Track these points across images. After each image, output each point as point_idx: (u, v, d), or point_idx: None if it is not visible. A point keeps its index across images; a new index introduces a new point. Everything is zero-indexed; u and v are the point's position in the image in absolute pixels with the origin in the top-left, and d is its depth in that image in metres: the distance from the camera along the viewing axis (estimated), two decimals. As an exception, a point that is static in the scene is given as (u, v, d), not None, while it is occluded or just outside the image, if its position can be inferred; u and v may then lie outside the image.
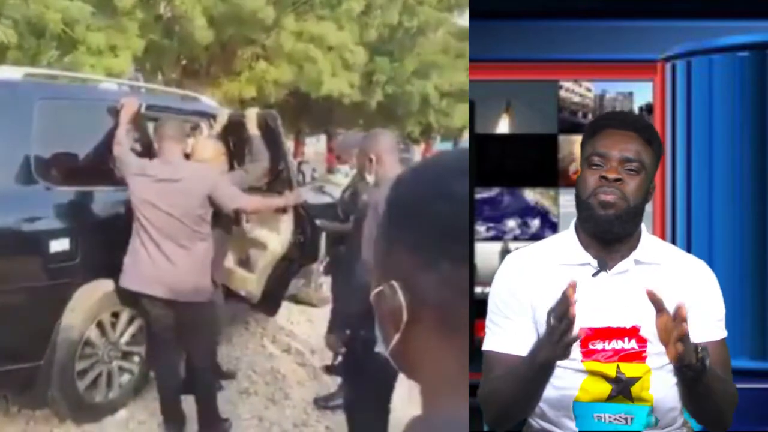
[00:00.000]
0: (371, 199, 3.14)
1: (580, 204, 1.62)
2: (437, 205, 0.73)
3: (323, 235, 5.44)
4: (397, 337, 0.75)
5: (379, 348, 0.80)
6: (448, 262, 0.71)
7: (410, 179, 0.79)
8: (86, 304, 3.98)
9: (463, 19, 19.42)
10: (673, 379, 1.68)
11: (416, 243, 0.74)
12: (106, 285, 4.12)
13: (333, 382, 4.73)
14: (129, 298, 4.25)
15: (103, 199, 4.23)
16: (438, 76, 17.46)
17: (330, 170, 14.44)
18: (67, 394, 3.91)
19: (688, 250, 2.17)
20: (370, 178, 3.42)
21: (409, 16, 16.27)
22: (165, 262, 3.74)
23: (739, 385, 1.84)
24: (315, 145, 26.57)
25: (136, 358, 4.37)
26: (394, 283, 0.75)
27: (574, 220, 1.68)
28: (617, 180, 1.57)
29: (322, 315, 5.84)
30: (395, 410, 3.13)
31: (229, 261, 4.84)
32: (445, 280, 0.71)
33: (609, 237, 1.61)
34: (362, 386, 3.15)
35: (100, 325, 4.10)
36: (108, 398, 4.18)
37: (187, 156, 4.15)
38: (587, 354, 1.63)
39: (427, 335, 0.74)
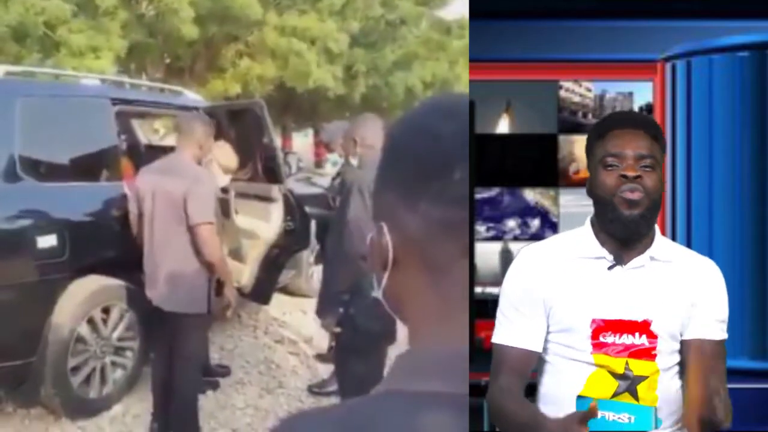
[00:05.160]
0: (356, 180, 3.20)
1: (604, 206, 1.62)
2: (419, 145, 0.75)
3: (313, 224, 5.45)
4: (385, 276, 0.78)
5: (375, 293, 0.82)
6: (426, 201, 0.73)
7: (400, 123, 0.82)
8: (76, 301, 3.99)
9: (443, 13, 19.50)
10: (679, 382, 1.70)
11: (399, 183, 0.76)
12: (95, 281, 4.13)
13: (326, 370, 4.77)
14: (119, 293, 4.25)
15: (89, 194, 4.22)
16: (420, 68, 17.49)
17: (318, 164, 14.46)
18: (61, 391, 3.91)
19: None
20: (353, 161, 3.45)
21: (389, 9, 16.34)
22: (161, 268, 3.64)
23: (739, 385, 1.86)
24: (302, 140, 26.61)
25: (129, 353, 4.38)
26: (382, 224, 0.77)
27: (589, 216, 1.67)
28: (637, 177, 1.58)
29: (314, 305, 5.85)
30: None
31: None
32: (424, 218, 0.73)
33: (634, 237, 1.62)
34: (355, 364, 3.17)
35: (91, 321, 4.10)
36: (102, 394, 4.18)
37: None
38: (597, 347, 1.64)
39: (412, 273, 0.76)
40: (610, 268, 1.64)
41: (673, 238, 2.42)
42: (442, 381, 0.69)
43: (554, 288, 1.66)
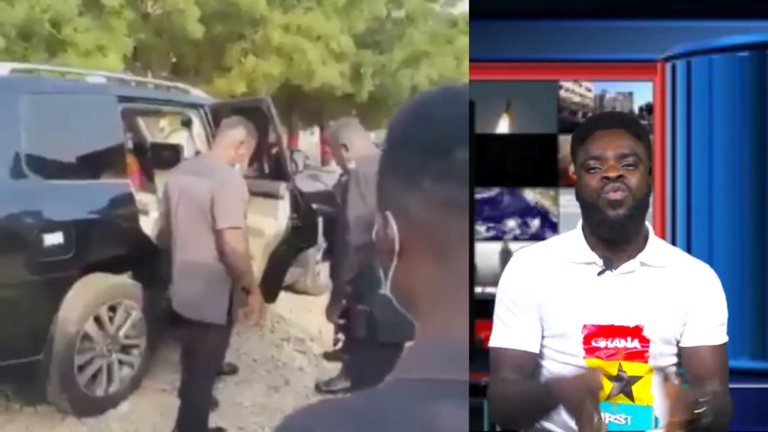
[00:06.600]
0: (351, 173, 3.43)
1: (589, 208, 1.62)
2: (419, 129, 0.76)
3: (320, 221, 5.46)
4: (392, 268, 0.78)
5: (383, 289, 0.82)
6: (429, 180, 0.74)
7: (399, 113, 0.83)
8: (83, 299, 3.98)
9: (451, 8, 19.44)
10: (675, 381, 1.70)
11: (402, 167, 0.77)
12: (102, 279, 4.13)
13: (334, 368, 4.78)
14: (126, 291, 4.26)
15: (95, 192, 4.22)
16: (428, 66, 17.50)
17: (324, 161, 14.50)
18: (67, 389, 3.92)
19: (688, 250, 2.18)
20: (350, 165, 3.56)
21: (396, 7, 16.36)
22: (185, 274, 3.49)
23: (739, 385, 1.85)
24: (309, 138, 26.69)
25: (136, 351, 4.37)
26: (387, 213, 0.78)
27: (581, 220, 1.68)
28: (619, 177, 1.58)
29: (321, 303, 5.87)
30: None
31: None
32: (427, 197, 0.74)
33: (622, 239, 1.62)
34: (371, 361, 3.16)
35: (97, 319, 4.09)
36: (109, 392, 4.18)
37: None
38: (590, 351, 1.64)
39: (418, 260, 0.76)
40: (600, 273, 1.64)
41: (673, 239, 2.42)
42: (446, 368, 0.70)
43: (546, 293, 1.66)
